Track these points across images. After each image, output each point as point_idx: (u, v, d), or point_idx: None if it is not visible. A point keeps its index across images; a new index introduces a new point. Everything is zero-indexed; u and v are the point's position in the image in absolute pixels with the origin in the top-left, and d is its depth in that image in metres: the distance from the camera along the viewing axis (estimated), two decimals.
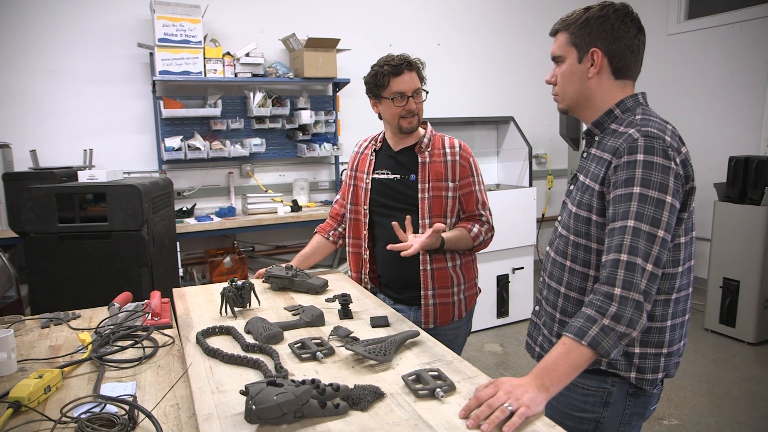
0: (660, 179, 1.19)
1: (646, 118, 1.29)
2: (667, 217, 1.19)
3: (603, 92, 1.35)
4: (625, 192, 1.21)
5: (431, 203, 1.98)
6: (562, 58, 1.38)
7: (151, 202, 2.67)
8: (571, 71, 1.36)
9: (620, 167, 1.23)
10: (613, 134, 1.31)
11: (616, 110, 1.35)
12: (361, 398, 1.16)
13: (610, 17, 1.31)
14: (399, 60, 1.94)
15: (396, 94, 1.94)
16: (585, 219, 1.32)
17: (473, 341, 4.11)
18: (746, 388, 3.37)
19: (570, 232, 1.37)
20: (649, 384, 1.33)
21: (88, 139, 4.03)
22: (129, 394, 1.28)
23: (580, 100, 1.38)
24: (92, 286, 2.49)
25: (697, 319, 4.42)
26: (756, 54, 4.77)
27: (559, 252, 1.42)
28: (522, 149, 4.73)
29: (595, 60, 1.32)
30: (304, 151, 4.53)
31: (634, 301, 1.15)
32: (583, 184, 1.35)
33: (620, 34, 1.31)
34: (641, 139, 1.22)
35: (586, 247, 1.33)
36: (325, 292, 1.99)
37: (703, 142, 5.16)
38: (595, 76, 1.34)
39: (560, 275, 1.41)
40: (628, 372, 1.32)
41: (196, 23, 3.95)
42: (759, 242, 3.86)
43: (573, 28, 1.34)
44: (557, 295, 1.42)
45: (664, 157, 1.20)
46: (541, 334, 1.51)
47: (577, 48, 1.34)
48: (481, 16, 5.44)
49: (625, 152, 1.23)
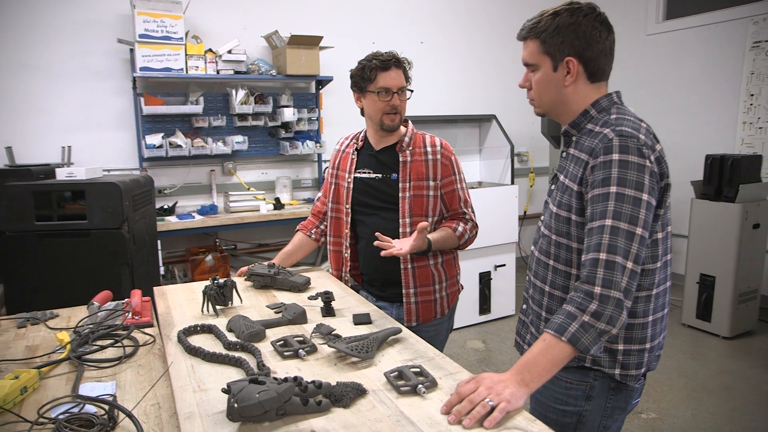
0: (636, 177, 1.21)
1: (621, 117, 1.31)
2: (644, 214, 1.21)
3: (579, 97, 1.36)
4: (602, 192, 1.22)
5: (412, 202, 1.99)
6: (536, 66, 1.37)
7: (131, 200, 2.64)
8: (546, 80, 1.36)
9: (597, 167, 1.24)
10: (590, 134, 1.32)
11: (591, 110, 1.36)
12: (343, 395, 1.17)
13: (581, 23, 1.30)
14: (388, 56, 1.96)
15: (381, 89, 1.94)
16: (565, 219, 1.34)
17: (455, 338, 4.14)
18: (721, 381, 3.45)
19: (552, 232, 1.39)
20: (632, 379, 1.35)
21: (67, 135, 3.97)
22: (109, 393, 1.27)
23: (557, 105, 1.39)
24: (71, 285, 2.46)
25: (674, 315, 4.50)
26: (731, 55, 4.86)
27: (542, 251, 1.44)
28: (504, 147, 4.76)
29: (570, 69, 1.32)
30: (286, 148, 4.51)
31: (614, 299, 1.17)
32: (562, 184, 1.37)
33: (593, 39, 1.30)
34: (616, 138, 1.24)
35: (568, 246, 1.35)
36: (307, 289, 1.99)
37: (681, 141, 5.25)
38: (572, 83, 1.34)
39: (544, 274, 1.43)
40: (613, 369, 1.34)
41: (178, 19, 3.91)
42: (733, 239, 3.94)
43: (544, 36, 1.33)
44: (542, 293, 1.44)
45: (639, 156, 1.22)
46: (529, 333, 1.53)
47: (551, 56, 1.33)
48: (464, 14, 5.46)
49: (600, 152, 1.24)
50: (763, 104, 4.65)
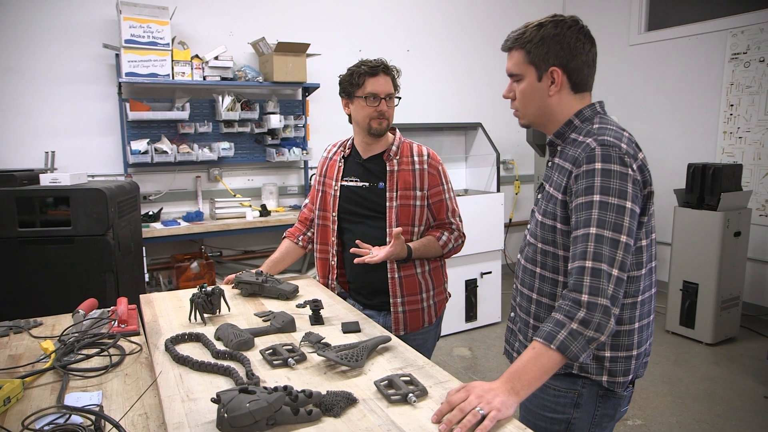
0: (619, 186, 1.22)
1: (603, 127, 1.33)
2: (629, 222, 1.22)
3: (563, 107, 1.38)
4: (586, 200, 1.24)
5: (399, 212, 1.99)
6: (521, 77, 1.39)
7: (116, 206, 2.62)
8: (531, 90, 1.38)
9: (580, 176, 1.26)
10: (574, 143, 1.34)
11: (575, 120, 1.38)
12: (333, 404, 1.16)
13: (565, 35, 1.32)
14: (376, 62, 1.97)
15: (369, 95, 1.95)
16: (551, 227, 1.36)
17: (442, 345, 4.14)
18: (704, 387, 3.49)
19: (538, 240, 1.40)
20: (620, 386, 1.36)
21: (51, 140, 3.92)
22: (95, 404, 1.25)
23: (542, 116, 1.41)
24: (55, 293, 2.42)
25: (658, 321, 4.54)
26: (711, 66, 4.95)
27: (528, 259, 1.45)
28: (490, 155, 4.79)
29: (555, 79, 1.35)
30: (273, 155, 4.50)
31: (602, 306, 1.18)
32: (548, 193, 1.38)
33: (577, 50, 1.33)
34: (598, 148, 1.26)
35: (554, 254, 1.37)
36: (295, 297, 1.98)
37: (664, 149, 5.33)
38: (556, 93, 1.36)
39: (531, 282, 1.44)
40: (600, 376, 1.35)
41: (164, 25, 3.89)
42: (716, 246, 4.00)
43: (529, 47, 1.35)
44: (530, 301, 1.45)
45: (621, 164, 1.24)
46: (517, 340, 1.53)
47: (536, 67, 1.36)
48: (451, 23, 5.51)
49: (583, 161, 1.26)
50: (742, 114, 4.74)
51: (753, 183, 4.67)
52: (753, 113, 4.66)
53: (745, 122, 4.72)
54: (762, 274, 4.65)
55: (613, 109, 5.57)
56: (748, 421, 3.08)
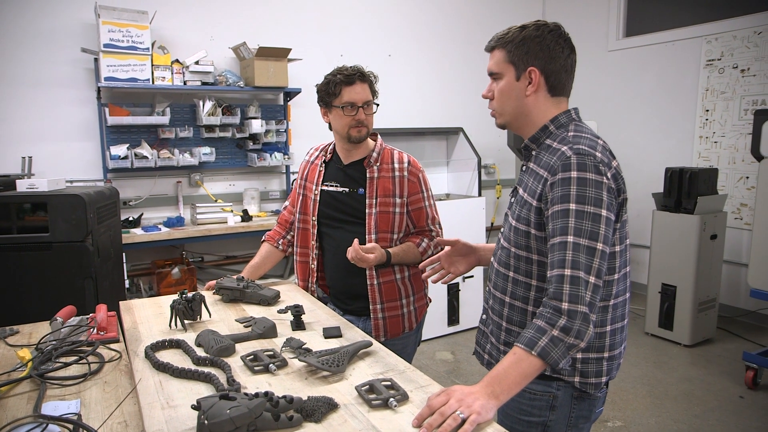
0: (594, 194, 1.24)
1: (578, 135, 1.34)
2: (604, 230, 1.24)
3: (539, 109, 1.40)
4: (562, 208, 1.25)
5: (378, 218, 2.00)
6: (500, 75, 1.42)
7: (95, 212, 2.59)
8: (509, 88, 1.41)
9: (555, 184, 1.28)
10: (549, 150, 1.36)
11: (550, 126, 1.40)
12: (314, 410, 1.17)
13: (546, 38, 1.36)
14: (352, 70, 1.96)
15: (347, 104, 1.95)
16: (524, 233, 1.37)
17: (425, 349, 4.16)
18: (682, 388, 3.54)
19: (511, 245, 1.42)
20: (593, 387, 1.38)
21: (27, 145, 3.86)
22: (73, 412, 1.24)
23: (518, 116, 1.43)
24: (32, 300, 2.39)
25: (638, 324, 4.61)
26: (687, 72, 5.05)
27: (502, 263, 1.47)
28: (471, 160, 4.83)
29: (532, 78, 1.37)
30: (254, 160, 4.48)
31: (581, 314, 1.20)
32: (521, 198, 1.40)
33: (555, 54, 1.36)
34: (573, 156, 1.27)
35: (528, 258, 1.38)
36: (277, 303, 1.98)
37: (642, 153, 5.42)
38: (533, 93, 1.39)
39: (504, 285, 1.46)
40: (572, 377, 1.37)
41: (144, 29, 3.86)
42: (693, 249, 4.07)
43: (510, 47, 1.38)
44: (502, 304, 1.47)
45: (596, 173, 1.26)
46: (489, 342, 1.54)
47: (515, 66, 1.38)
48: (432, 28, 5.54)
49: (559, 169, 1.28)
50: (717, 119, 4.83)
51: (728, 187, 4.77)
52: (727, 118, 4.76)
53: (720, 127, 4.82)
54: (737, 277, 4.74)
55: (593, 113, 5.65)
56: (725, 420, 3.14)
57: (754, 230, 3.53)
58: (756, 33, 4.53)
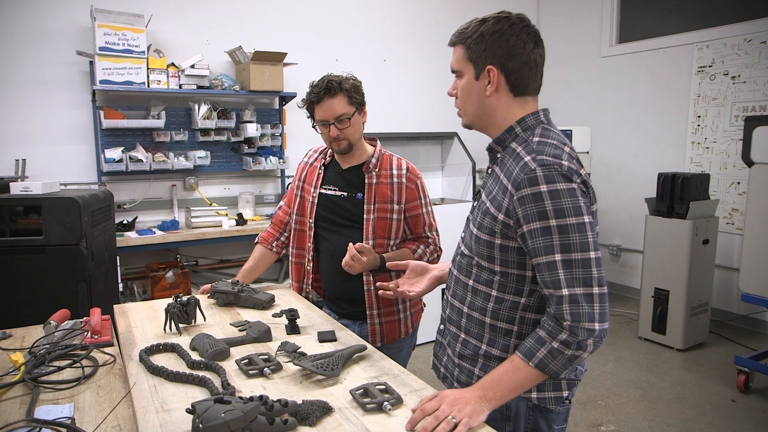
0: (571, 204, 1.18)
1: (543, 141, 1.25)
2: (591, 236, 1.19)
3: (502, 110, 1.31)
4: (542, 225, 1.18)
5: (375, 224, 2.00)
6: (460, 73, 1.34)
7: (90, 215, 2.59)
8: (469, 88, 1.33)
9: (525, 200, 1.20)
10: (513, 155, 1.28)
11: (516, 128, 1.31)
12: (309, 413, 1.17)
13: (505, 32, 1.26)
14: (320, 85, 1.92)
15: (319, 122, 1.97)
16: (487, 242, 1.30)
17: (420, 353, 4.16)
18: (675, 392, 3.56)
19: (473, 253, 1.35)
20: (551, 402, 1.32)
21: (21, 148, 3.85)
22: (66, 416, 1.24)
23: (482, 116, 1.34)
24: (26, 304, 2.38)
25: (631, 328, 4.63)
26: (679, 78, 5.09)
27: (462, 271, 1.40)
28: (466, 164, 4.84)
29: (491, 78, 1.28)
30: (249, 164, 4.49)
31: (584, 330, 1.16)
32: (483, 204, 1.33)
33: (516, 50, 1.26)
34: (538, 169, 1.19)
35: (490, 269, 1.32)
36: (271, 307, 1.98)
37: (635, 159, 5.46)
38: (493, 94, 1.29)
39: (463, 294, 1.39)
40: (528, 393, 1.30)
41: (140, 33, 3.86)
42: (685, 254, 4.10)
43: (469, 42, 1.29)
44: (460, 314, 1.40)
45: (566, 181, 1.18)
46: (446, 354, 1.47)
47: (474, 64, 1.30)
48: (427, 33, 5.56)
49: (524, 184, 1.20)
50: (709, 125, 4.87)
51: (720, 192, 4.81)
52: (719, 124, 4.80)
53: (712, 133, 4.86)
54: (729, 281, 4.77)
55: (586, 119, 5.69)
56: (717, 424, 3.16)
57: (745, 235, 3.56)
58: (746, 41, 4.57)
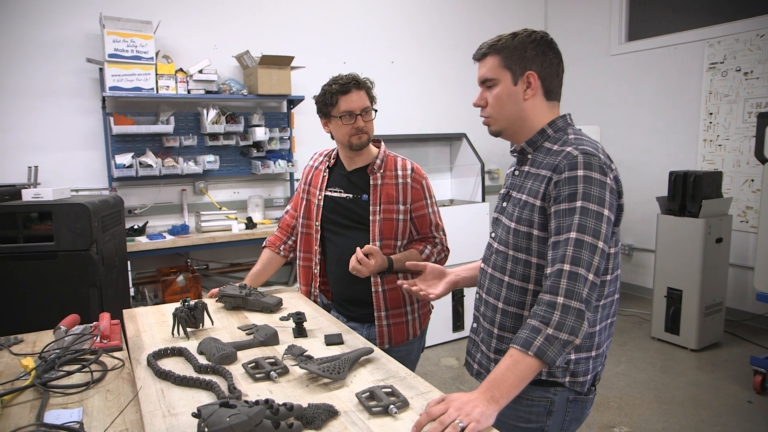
0: (598, 194, 1.27)
1: (579, 138, 1.38)
2: (606, 229, 1.26)
3: (536, 113, 1.42)
4: (569, 206, 1.27)
5: (382, 225, 2.00)
6: (495, 81, 1.42)
7: (100, 221, 2.60)
8: (506, 93, 1.41)
9: (562, 182, 1.29)
10: (548, 152, 1.38)
11: (548, 130, 1.42)
12: (314, 417, 1.17)
13: (540, 43, 1.40)
14: (347, 79, 1.97)
15: (345, 113, 1.96)
16: (525, 234, 1.37)
17: (429, 356, 4.15)
18: (690, 393, 3.52)
19: (509, 248, 1.42)
20: (580, 385, 1.39)
21: (33, 155, 3.89)
22: (75, 420, 1.24)
23: (515, 120, 1.44)
24: (37, 309, 2.40)
25: (644, 328, 4.59)
26: (690, 75, 5.04)
27: (497, 268, 1.46)
28: (474, 165, 4.83)
29: (531, 82, 1.39)
30: (258, 168, 4.50)
31: (575, 310, 1.21)
32: (520, 200, 1.41)
33: (549, 59, 1.40)
34: (580, 156, 1.29)
35: (526, 261, 1.39)
36: (279, 310, 1.98)
37: (646, 158, 5.41)
38: (531, 98, 1.40)
39: (498, 290, 1.46)
40: (564, 377, 1.38)
41: (148, 39, 3.89)
42: (698, 253, 4.05)
43: (505, 52, 1.40)
44: (495, 310, 1.46)
45: (601, 173, 1.28)
46: (479, 351, 1.54)
47: (511, 71, 1.40)
48: (434, 35, 5.56)
49: (566, 168, 1.30)
50: (721, 123, 4.82)
51: (733, 190, 4.75)
52: (731, 121, 4.74)
53: (724, 130, 4.80)
54: (743, 280, 4.71)
55: (596, 118, 5.64)
56: (733, 426, 3.11)
57: (760, 233, 3.51)
58: (759, 36, 4.52)
